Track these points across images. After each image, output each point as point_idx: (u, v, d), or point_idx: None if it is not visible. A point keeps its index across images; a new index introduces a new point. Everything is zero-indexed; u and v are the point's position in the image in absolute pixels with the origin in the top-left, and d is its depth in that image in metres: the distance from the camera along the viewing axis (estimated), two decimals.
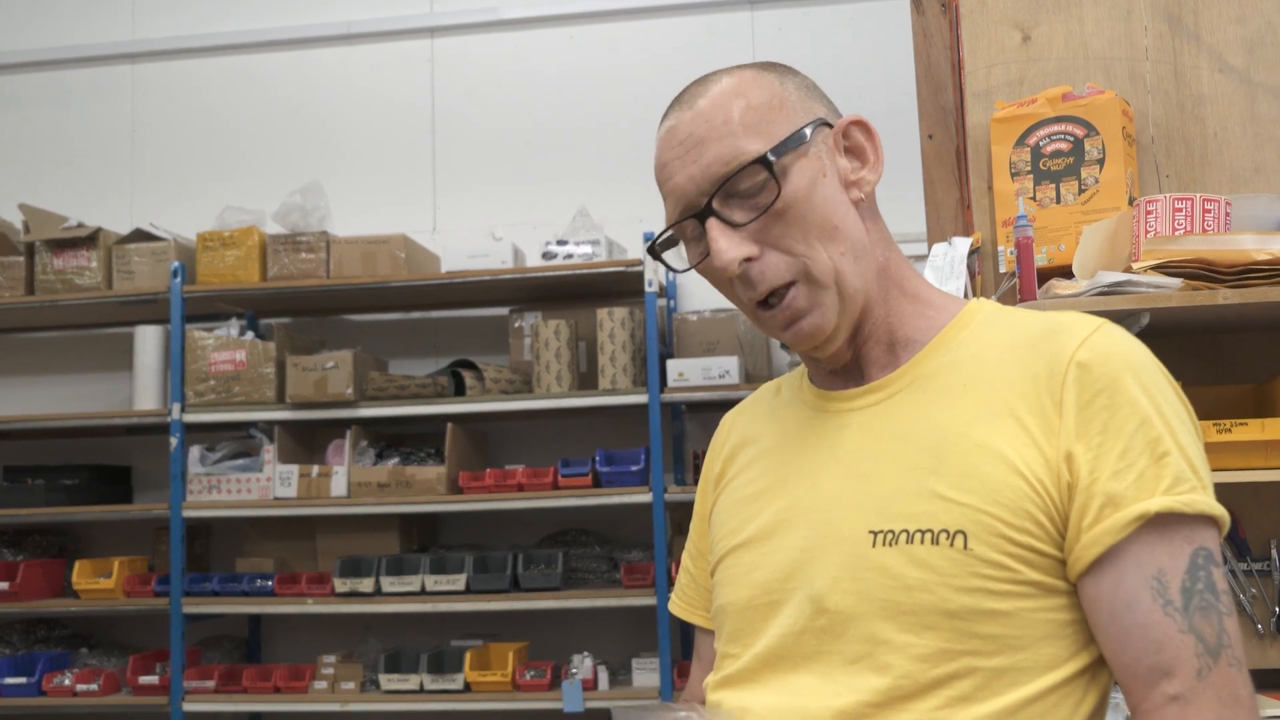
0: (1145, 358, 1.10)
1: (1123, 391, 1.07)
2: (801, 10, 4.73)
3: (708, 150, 1.15)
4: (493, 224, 4.75)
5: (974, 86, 2.24)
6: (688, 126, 1.17)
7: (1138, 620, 1.03)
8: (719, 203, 1.15)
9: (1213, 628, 1.02)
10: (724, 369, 4.08)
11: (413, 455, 4.36)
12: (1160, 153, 2.17)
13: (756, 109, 1.16)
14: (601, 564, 4.31)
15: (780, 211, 1.14)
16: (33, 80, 5.21)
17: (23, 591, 4.31)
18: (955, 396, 1.14)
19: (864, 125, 1.22)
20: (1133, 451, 1.05)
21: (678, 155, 1.17)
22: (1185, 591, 1.02)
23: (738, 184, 1.14)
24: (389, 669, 4.12)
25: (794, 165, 1.15)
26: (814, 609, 1.13)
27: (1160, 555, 1.03)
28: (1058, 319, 1.15)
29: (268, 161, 4.97)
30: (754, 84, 1.18)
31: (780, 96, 1.18)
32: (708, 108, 1.17)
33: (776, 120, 1.16)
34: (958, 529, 1.07)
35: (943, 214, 2.43)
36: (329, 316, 4.89)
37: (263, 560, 4.42)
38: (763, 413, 1.34)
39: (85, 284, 4.45)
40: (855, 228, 1.18)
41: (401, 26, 4.97)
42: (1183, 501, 1.03)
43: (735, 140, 1.14)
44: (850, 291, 1.16)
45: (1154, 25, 2.19)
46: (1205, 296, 1.84)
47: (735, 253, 1.14)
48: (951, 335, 1.19)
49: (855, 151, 1.21)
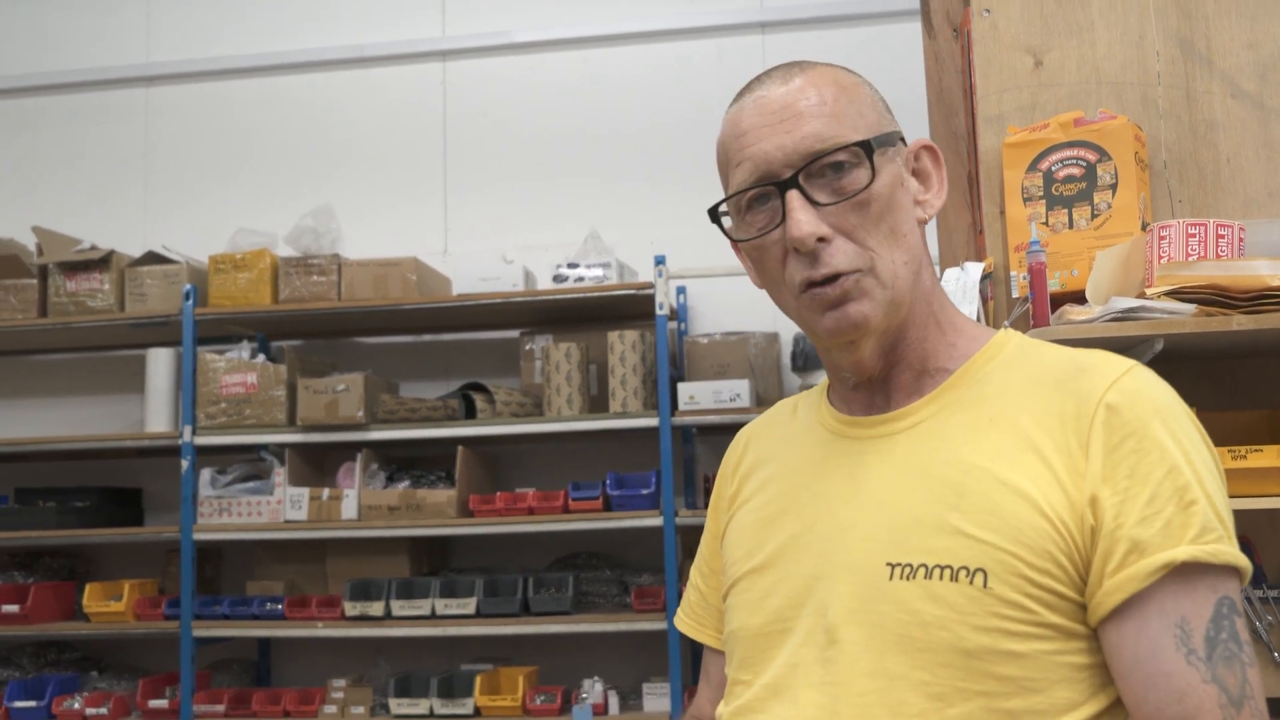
0: (1174, 403, 1.10)
1: (1151, 437, 1.05)
2: (813, 33, 4.74)
3: (804, 124, 1.14)
4: (504, 246, 4.76)
5: (986, 111, 2.23)
6: (783, 98, 1.16)
7: (1161, 669, 1.01)
8: (804, 178, 1.14)
9: (1236, 678, 1.00)
10: (735, 392, 4.07)
11: (423, 478, 4.36)
12: (1173, 178, 2.16)
13: (853, 102, 1.17)
14: (612, 588, 4.29)
15: (864, 202, 1.14)
16: (47, 103, 5.23)
17: (33, 614, 4.30)
18: (980, 430, 1.12)
19: (934, 151, 1.23)
20: (1160, 498, 1.03)
21: (768, 123, 1.15)
22: (1209, 641, 1.01)
23: (827, 165, 1.13)
24: (399, 693, 4.11)
25: (884, 164, 1.16)
26: (827, 639, 1.11)
27: (1185, 604, 1.02)
28: (1087, 358, 1.13)
29: (280, 184, 4.99)
30: (849, 80, 1.19)
31: (872, 99, 1.20)
32: (805, 85, 1.16)
33: (868, 116, 1.17)
34: (978, 567, 1.05)
35: (955, 239, 2.43)
36: (340, 339, 4.89)
37: (273, 583, 4.41)
38: (779, 433, 1.33)
39: (98, 306, 4.47)
40: (917, 242, 1.19)
41: (414, 50, 4.99)
42: (1209, 551, 1.02)
43: (833, 122, 1.14)
44: (901, 298, 1.16)
45: (1166, 50, 2.18)
46: (1219, 322, 1.82)
47: (814, 228, 1.12)
48: (979, 366, 1.18)
49: (921, 175, 1.22)
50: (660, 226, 4.60)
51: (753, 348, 4.27)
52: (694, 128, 4.59)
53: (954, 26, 2.54)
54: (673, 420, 4.08)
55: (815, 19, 4.75)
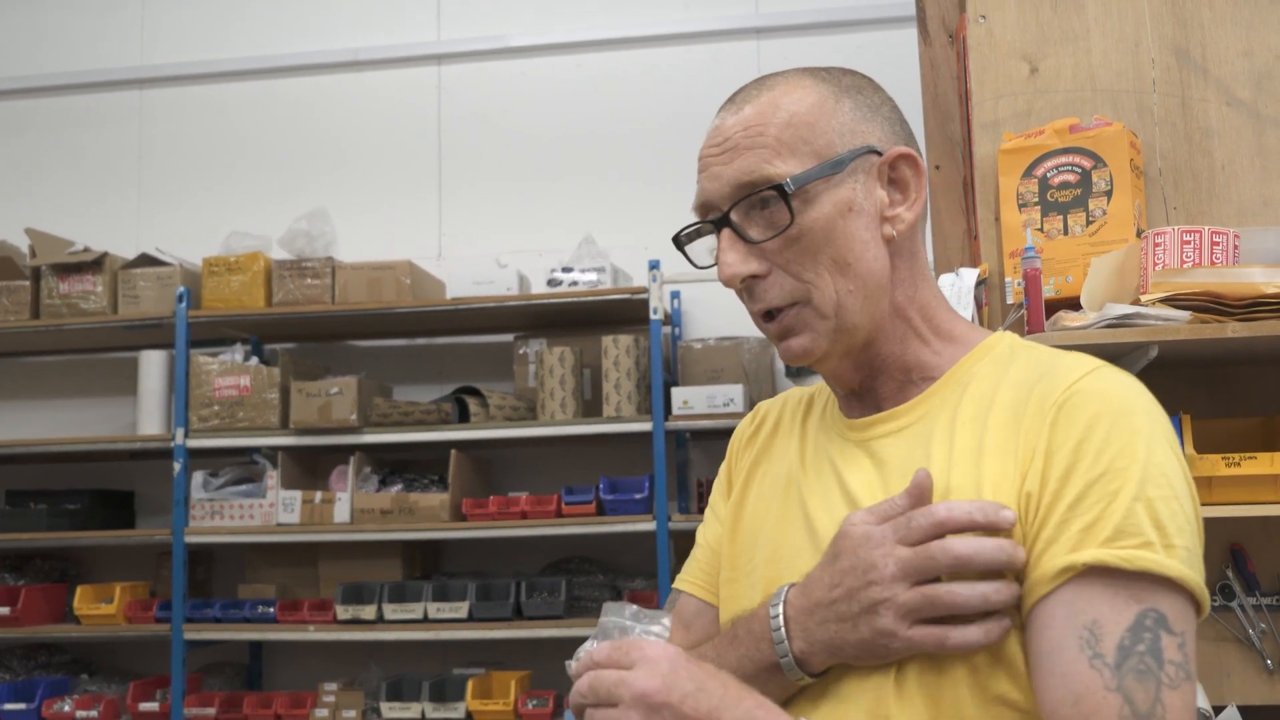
0: (1132, 405, 1.06)
1: (1092, 439, 1.03)
2: (807, 40, 4.75)
3: (738, 159, 1.14)
4: (498, 250, 4.75)
5: (981, 117, 2.24)
6: (728, 130, 1.16)
7: (1058, 669, 0.99)
8: (738, 214, 1.14)
9: (1147, 694, 0.95)
10: (729, 397, 4.07)
11: (416, 482, 4.35)
12: (1168, 185, 2.16)
13: (799, 126, 1.14)
14: (605, 592, 4.29)
15: (795, 237, 1.13)
16: (41, 105, 5.22)
17: (24, 616, 4.29)
18: (952, 433, 1.12)
19: (912, 160, 1.18)
20: (1087, 500, 1.01)
21: (713, 155, 1.16)
22: (1121, 649, 0.97)
23: (757, 201, 1.13)
24: (390, 697, 4.10)
25: (822, 193, 1.13)
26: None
27: (1099, 607, 0.98)
28: (1059, 359, 1.13)
29: (274, 187, 4.98)
30: (803, 100, 1.15)
31: (829, 116, 1.15)
32: (751, 115, 1.15)
33: (818, 140, 1.14)
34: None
35: (950, 245, 2.43)
36: (334, 342, 4.89)
37: (265, 586, 4.40)
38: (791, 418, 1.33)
39: (90, 308, 4.46)
40: (873, 266, 1.15)
41: (409, 54, 4.99)
42: (1122, 557, 0.98)
43: (766, 155, 1.13)
44: (849, 325, 1.15)
45: (1161, 58, 2.19)
46: (1214, 329, 1.83)
47: (739, 268, 1.14)
48: (964, 369, 1.18)
49: (899, 184, 1.18)
50: (654, 231, 4.58)
51: (746, 353, 4.27)
52: (688, 133, 4.58)
53: (949, 33, 2.54)
54: (666, 425, 4.08)
55: (810, 25, 4.75)
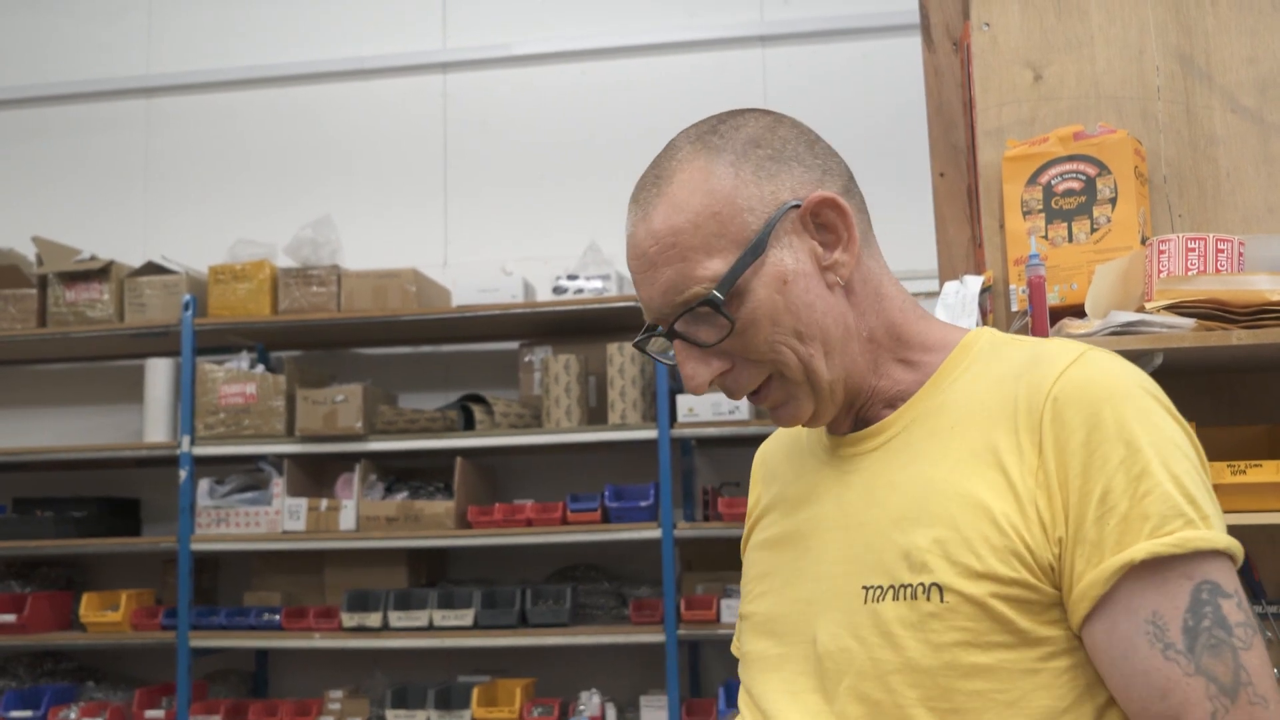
0: (1127, 384, 1.06)
1: (1100, 428, 1.03)
2: (812, 48, 4.75)
3: (660, 275, 1.13)
4: (503, 258, 4.76)
5: (985, 125, 2.24)
6: (643, 244, 1.15)
7: (1136, 669, 0.99)
8: (683, 325, 1.14)
9: (1226, 665, 0.96)
10: (734, 405, 4.07)
11: (421, 489, 4.35)
12: (1173, 192, 2.16)
13: (708, 222, 1.11)
14: (610, 600, 4.29)
15: (741, 331, 1.12)
16: (48, 113, 5.24)
17: (30, 624, 4.29)
18: (944, 439, 1.12)
19: (834, 203, 1.14)
20: (1114, 493, 1.01)
21: (638, 269, 1.16)
22: (1188, 631, 0.98)
23: (696, 311, 1.13)
24: (396, 704, 4.10)
25: (753, 279, 1.11)
26: (816, 667, 1.13)
27: (1154, 598, 0.99)
28: (1042, 348, 1.12)
29: (280, 195, 4.99)
30: (706, 182, 1.13)
31: (734, 195, 1.12)
32: (660, 226, 1.13)
33: (731, 229, 1.12)
34: (933, 582, 1.05)
35: (954, 252, 2.43)
36: (339, 350, 4.89)
37: (270, 594, 4.41)
38: (785, 452, 1.34)
39: (97, 316, 4.47)
40: (826, 320, 1.14)
41: (415, 62, 5.00)
42: (1171, 543, 0.99)
43: (686, 268, 1.12)
44: (823, 384, 1.15)
45: (1166, 65, 2.18)
46: (1219, 337, 1.82)
47: (705, 375, 1.15)
48: (945, 374, 1.17)
49: (827, 227, 1.15)
50: None
51: None
52: None
53: (954, 40, 2.54)
54: (672, 432, 4.08)
55: (815, 33, 4.75)
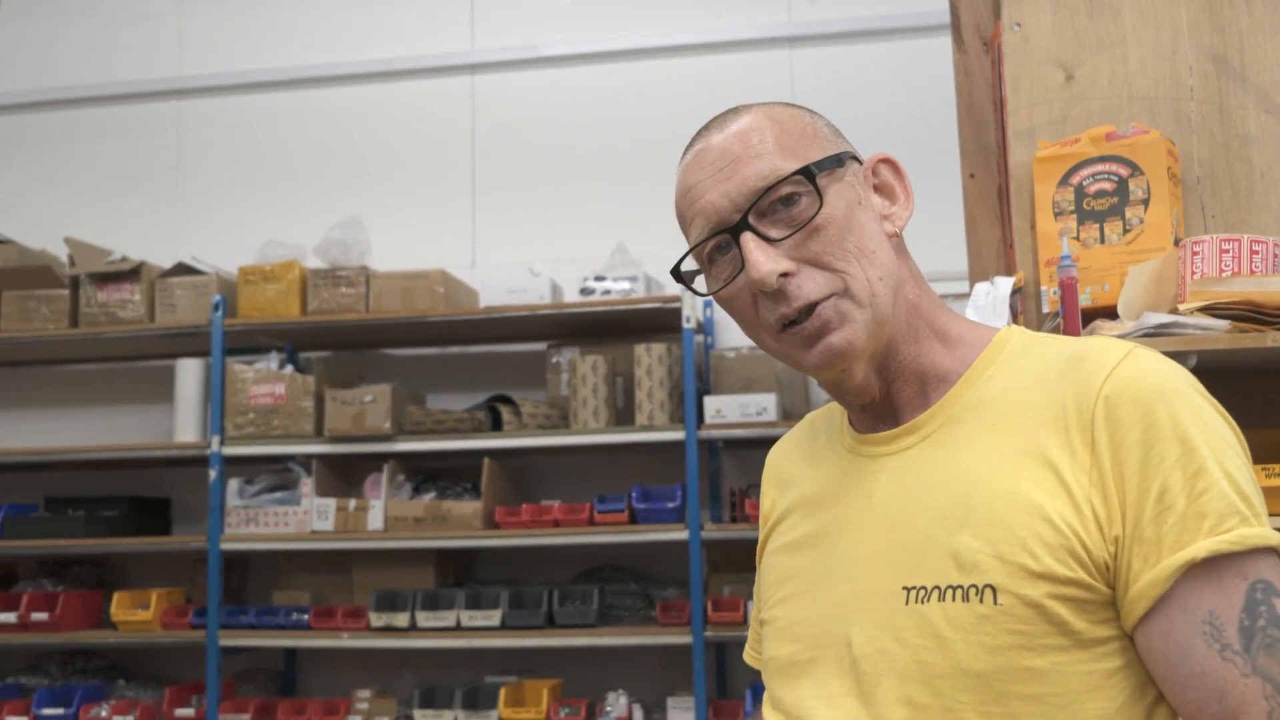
0: (1178, 383, 1.06)
1: (1155, 426, 1.02)
2: (840, 49, 4.74)
3: (744, 167, 1.13)
4: (531, 259, 4.77)
5: (1016, 125, 2.23)
6: (720, 146, 1.15)
7: (1194, 669, 0.98)
8: (754, 218, 1.13)
9: None
10: (761, 406, 4.06)
11: (449, 490, 4.36)
12: (1206, 193, 2.14)
13: (791, 134, 1.15)
14: (637, 601, 4.28)
15: (820, 227, 1.11)
16: (79, 116, 5.28)
17: (62, 622, 4.33)
18: (985, 437, 1.10)
19: (892, 163, 1.21)
20: (1171, 491, 1.00)
21: (709, 174, 1.15)
22: (1244, 631, 0.97)
23: (775, 199, 1.12)
24: (423, 704, 4.11)
25: (831, 187, 1.13)
26: (851, 669, 1.10)
27: (1210, 598, 0.98)
28: (1085, 345, 1.11)
29: (309, 196, 5.02)
30: (784, 114, 1.18)
31: (812, 127, 1.18)
32: (741, 130, 1.16)
33: (811, 146, 1.15)
34: (986, 584, 1.03)
35: (985, 253, 2.42)
36: (368, 350, 4.91)
37: (299, 593, 4.43)
38: (800, 454, 1.32)
39: (128, 317, 4.50)
40: (891, 257, 1.16)
41: (443, 64, 5.02)
42: (1229, 541, 0.98)
43: (773, 159, 1.13)
44: (883, 315, 1.13)
45: (1199, 65, 2.17)
46: (1253, 339, 1.81)
47: (772, 265, 1.10)
48: (980, 370, 1.16)
49: (884, 190, 1.20)
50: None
51: (780, 363, 4.25)
52: None
53: (984, 40, 2.53)
54: (699, 434, 4.07)
55: (843, 34, 4.74)
